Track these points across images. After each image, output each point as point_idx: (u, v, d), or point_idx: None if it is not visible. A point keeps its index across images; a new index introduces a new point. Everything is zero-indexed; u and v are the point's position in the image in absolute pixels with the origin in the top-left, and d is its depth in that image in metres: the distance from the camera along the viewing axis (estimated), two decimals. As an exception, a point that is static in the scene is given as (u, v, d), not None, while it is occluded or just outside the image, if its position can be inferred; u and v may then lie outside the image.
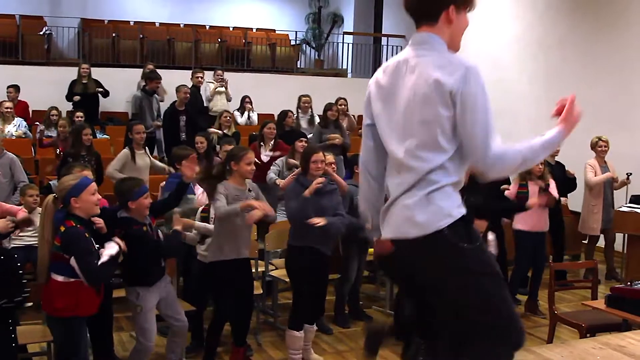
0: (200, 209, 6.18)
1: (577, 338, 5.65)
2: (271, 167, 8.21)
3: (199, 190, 6.44)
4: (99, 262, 4.22)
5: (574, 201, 9.10)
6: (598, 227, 8.56)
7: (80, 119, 10.55)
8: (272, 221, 6.21)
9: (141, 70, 12.90)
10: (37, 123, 11.33)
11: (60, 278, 4.18)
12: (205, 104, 12.21)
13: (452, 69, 2.60)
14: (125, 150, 8.24)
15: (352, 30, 17.46)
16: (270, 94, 13.96)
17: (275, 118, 13.67)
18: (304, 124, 10.64)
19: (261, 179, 8.27)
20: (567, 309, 7.13)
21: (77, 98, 11.75)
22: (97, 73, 12.53)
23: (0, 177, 7.51)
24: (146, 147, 8.54)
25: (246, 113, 12.87)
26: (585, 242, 9.06)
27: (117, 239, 4.42)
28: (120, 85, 12.98)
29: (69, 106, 11.92)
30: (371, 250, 7.05)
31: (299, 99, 11.00)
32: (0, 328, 4.02)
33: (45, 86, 12.63)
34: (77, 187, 4.28)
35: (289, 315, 5.88)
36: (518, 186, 7.40)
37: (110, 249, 4.30)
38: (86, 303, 4.26)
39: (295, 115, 10.45)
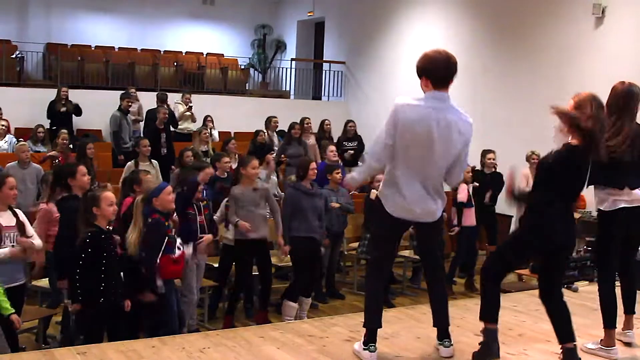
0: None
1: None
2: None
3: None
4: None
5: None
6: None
7: (65, 135, 11.71)
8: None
9: (107, 91, 14.38)
10: (21, 139, 12.49)
11: None
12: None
13: None
14: (130, 163, 9.73)
15: (294, 56, 19.22)
16: (224, 113, 15.39)
17: (232, 135, 15.37)
18: (275, 140, 12.26)
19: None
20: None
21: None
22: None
23: (29, 184, 8.93)
24: (151, 160, 9.91)
25: (208, 130, 14.36)
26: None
27: None
28: (89, 105, 14.16)
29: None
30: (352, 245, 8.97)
31: (269, 119, 12.59)
32: None
33: (18, 106, 13.73)
34: (157, 190, 5.84)
35: (287, 290, 7.53)
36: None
37: None
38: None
39: (266, 134, 12.05)
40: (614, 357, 4.81)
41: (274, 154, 10.21)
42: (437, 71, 4.40)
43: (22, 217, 5.60)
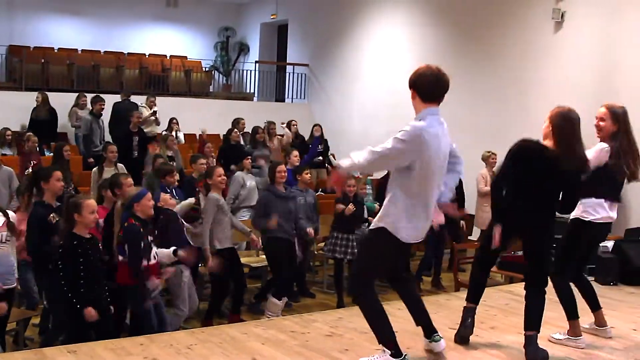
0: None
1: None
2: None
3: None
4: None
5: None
6: (487, 222, 10.65)
7: (34, 138, 11.57)
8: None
9: (71, 94, 14.35)
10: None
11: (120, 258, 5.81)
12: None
13: None
14: (95, 170, 9.82)
15: (257, 58, 19.39)
16: (188, 116, 15.41)
17: (198, 137, 15.45)
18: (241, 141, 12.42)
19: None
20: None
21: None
22: (31, 97, 13.67)
23: (1, 188, 8.97)
24: (117, 165, 9.97)
25: (174, 133, 14.43)
26: (470, 237, 11.30)
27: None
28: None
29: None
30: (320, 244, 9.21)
31: (237, 121, 12.74)
32: None
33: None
34: (138, 195, 5.93)
35: (266, 288, 7.74)
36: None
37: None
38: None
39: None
40: (582, 346, 5.10)
41: (249, 159, 10.29)
42: (424, 86, 4.37)
43: (13, 216, 5.65)
